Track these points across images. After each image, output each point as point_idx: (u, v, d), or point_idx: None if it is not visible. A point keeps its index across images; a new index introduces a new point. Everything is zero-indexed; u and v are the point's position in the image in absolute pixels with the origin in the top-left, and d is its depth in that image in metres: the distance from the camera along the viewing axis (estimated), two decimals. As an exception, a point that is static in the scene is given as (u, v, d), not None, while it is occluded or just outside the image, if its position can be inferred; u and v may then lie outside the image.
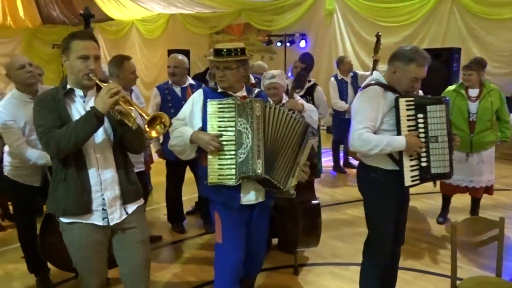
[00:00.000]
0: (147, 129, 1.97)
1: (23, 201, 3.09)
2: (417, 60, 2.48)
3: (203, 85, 2.79)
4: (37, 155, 2.88)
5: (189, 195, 4.81)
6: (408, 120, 2.52)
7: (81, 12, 2.96)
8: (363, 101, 2.58)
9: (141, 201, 2.38)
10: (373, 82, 2.63)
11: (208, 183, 2.40)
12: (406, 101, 2.51)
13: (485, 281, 2.48)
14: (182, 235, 4.32)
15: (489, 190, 4.33)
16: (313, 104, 4.52)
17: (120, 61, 3.43)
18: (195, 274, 3.54)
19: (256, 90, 2.74)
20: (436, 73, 5.86)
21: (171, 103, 3.96)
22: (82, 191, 2.12)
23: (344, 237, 4.22)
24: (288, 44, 10.05)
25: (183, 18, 12.62)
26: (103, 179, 2.17)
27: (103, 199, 2.18)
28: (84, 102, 2.18)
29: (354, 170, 6.65)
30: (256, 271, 2.92)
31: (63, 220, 2.18)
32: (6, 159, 3.06)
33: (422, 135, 2.52)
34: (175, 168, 4.16)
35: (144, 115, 1.98)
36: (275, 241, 3.90)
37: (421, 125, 2.52)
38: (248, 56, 2.55)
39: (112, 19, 14.26)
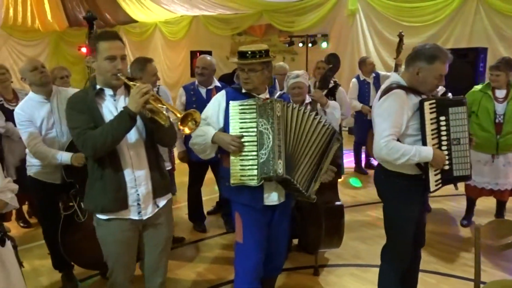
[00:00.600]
0: (180, 127, 2.02)
1: (46, 199, 3.17)
2: (440, 57, 2.43)
3: (228, 88, 2.82)
4: (52, 153, 2.97)
5: (210, 195, 4.85)
6: (432, 123, 2.45)
7: (86, 14, 3.04)
8: (388, 106, 2.46)
9: (170, 195, 2.46)
10: (394, 85, 2.53)
11: (231, 183, 2.42)
12: (431, 103, 2.45)
13: (509, 285, 2.43)
14: (203, 234, 4.36)
15: (515, 192, 4.22)
16: (335, 104, 4.49)
17: (143, 64, 3.50)
18: (216, 273, 3.57)
19: (279, 92, 2.75)
20: (461, 73, 5.77)
21: (196, 104, 3.99)
22: (118, 188, 2.19)
23: (366, 239, 4.18)
24: (310, 44, 10.02)
25: (205, 20, 12.71)
26: (137, 176, 2.24)
27: (138, 194, 2.25)
28: (114, 100, 2.25)
29: (376, 172, 6.64)
30: (277, 271, 2.93)
31: (101, 216, 2.26)
32: (29, 159, 3.16)
33: (444, 137, 2.47)
34: (197, 169, 4.20)
35: (176, 112, 2.03)
36: (295, 241, 3.89)
37: (443, 128, 2.46)
38: (271, 57, 2.56)
39: (136, 21, 14.49)
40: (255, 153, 2.41)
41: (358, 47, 9.53)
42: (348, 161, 6.72)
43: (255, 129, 2.42)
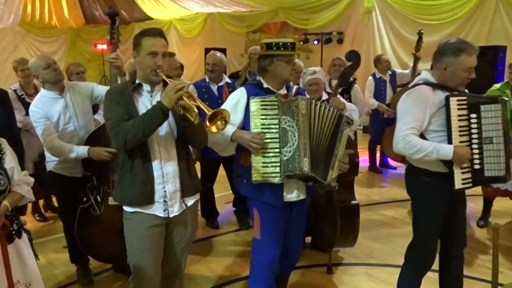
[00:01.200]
0: (208, 124, 2.01)
1: (67, 193, 3.19)
2: (466, 50, 2.39)
3: (246, 83, 2.80)
4: (69, 148, 2.97)
5: (224, 191, 4.85)
6: (459, 120, 2.41)
7: (107, 10, 3.03)
8: (409, 102, 2.47)
9: (198, 196, 2.45)
10: (421, 81, 2.53)
11: (253, 181, 2.40)
12: (458, 100, 2.41)
13: (528, 287, 2.38)
14: (216, 230, 4.38)
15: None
16: (350, 102, 4.46)
17: None
18: (229, 269, 3.58)
19: (295, 87, 2.74)
20: (480, 72, 5.65)
21: (207, 101, 3.99)
22: (147, 182, 2.21)
23: (380, 238, 4.14)
24: (324, 42, 9.96)
25: (220, 17, 12.73)
26: (165, 172, 2.24)
27: (165, 191, 2.25)
28: (151, 96, 2.27)
29: (390, 171, 6.62)
30: (291, 267, 2.93)
31: (127, 209, 2.27)
32: (48, 155, 3.16)
33: (475, 136, 2.41)
34: (209, 166, 4.21)
35: (205, 110, 2.03)
36: (308, 239, 3.88)
37: (474, 126, 2.41)
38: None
39: (151, 19, 14.58)
40: (278, 150, 2.39)
41: (374, 45, 9.44)
42: (362, 159, 6.67)
43: (278, 126, 2.40)
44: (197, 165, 4.26)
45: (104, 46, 14.76)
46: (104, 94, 2.40)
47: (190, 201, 2.38)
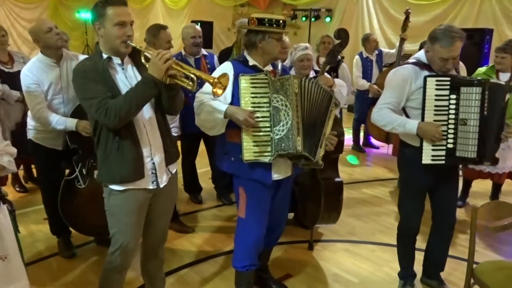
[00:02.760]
0: (213, 90, 2.01)
1: (47, 164, 3.15)
2: (440, 40, 2.45)
3: (232, 59, 2.73)
4: (57, 119, 2.91)
5: (206, 167, 4.82)
6: (437, 100, 2.49)
7: None
8: (393, 79, 2.65)
9: (177, 163, 2.45)
10: (411, 61, 2.65)
11: (244, 160, 2.38)
12: (437, 80, 2.48)
13: (502, 266, 2.45)
14: (199, 205, 4.39)
15: (512, 175, 4.24)
16: (337, 80, 4.45)
17: (157, 30, 3.44)
18: (212, 244, 3.60)
19: (280, 64, 2.71)
20: (466, 54, 5.70)
21: None
22: (137, 158, 2.16)
23: (361, 216, 4.21)
24: (313, 19, 9.86)
25: (208, -11, 12.47)
26: (152, 145, 2.22)
27: (153, 163, 2.24)
28: (123, 69, 2.19)
29: (374, 150, 6.69)
30: (274, 243, 2.96)
31: (116, 188, 2.19)
32: (30, 122, 3.10)
33: (452, 116, 2.49)
34: (189, 141, 4.17)
35: (207, 77, 2.03)
36: (290, 215, 3.91)
37: (452, 106, 2.48)
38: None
39: (137, -12, 14.20)
40: (268, 129, 2.38)
41: (362, 23, 9.37)
42: (347, 138, 6.70)
43: (268, 104, 2.38)
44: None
45: (88, 14, 14.37)
46: None
47: (173, 169, 2.40)
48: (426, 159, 2.54)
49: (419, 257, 3.00)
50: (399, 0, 8.55)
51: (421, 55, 2.65)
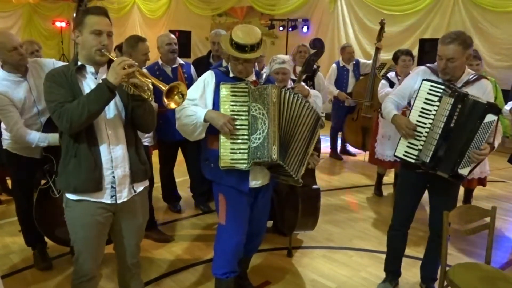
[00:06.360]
0: (166, 101, 1.96)
1: (22, 174, 3.10)
2: (440, 41, 2.63)
3: (213, 67, 2.76)
4: (38, 137, 2.87)
5: (184, 176, 4.82)
6: (425, 103, 2.61)
7: None
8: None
9: (147, 182, 2.39)
10: (428, 65, 2.85)
11: (220, 166, 2.41)
12: (432, 85, 2.61)
13: (474, 267, 2.53)
14: (178, 214, 4.37)
15: (482, 181, 4.38)
16: (313, 89, 4.53)
17: (135, 42, 3.45)
18: (191, 253, 3.59)
19: (265, 75, 2.75)
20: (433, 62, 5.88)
21: None
22: (94, 167, 2.11)
23: (339, 222, 4.27)
24: (290, 29, 9.99)
25: (185, -1, 12.50)
26: (114, 157, 2.16)
27: (113, 176, 2.17)
28: (95, 78, 2.16)
29: (351, 157, 6.78)
30: (254, 251, 2.98)
31: (71, 197, 2.16)
32: (5, 133, 3.04)
33: (429, 121, 2.60)
34: (166, 149, 4.16)
35: (161, 86, 1.97)
36: (269, 223, 3.94)
37: (434, 112, 2.59)
38: (265, 48, 2.51)
39: (114, -3, 14.13)
40: (246, 137, 2.40)
41: (338, 33, 9.55)
42: (324, 146, 6.81)
43: (247, 113, 2.41)
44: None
45: (63, 24, 14.20)
46: None
47: (139, 187, 2.31)
48: (399, 152, 2.70)
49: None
50: (373, 11, 8.76)
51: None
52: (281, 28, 10.20)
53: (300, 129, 2.52)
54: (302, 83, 3.62)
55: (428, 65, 2.83)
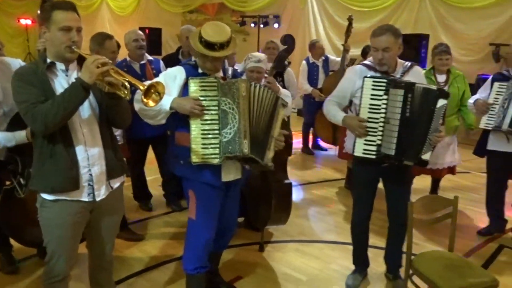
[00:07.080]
0: (144, 99, 1.94)
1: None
2: (371, 35, 2.74)
3: (183, 63, 2.73)
4: (5, 137, 2.77)
5: (155, 174, 4.78)
6: (372, 99, 2.65)
7: None
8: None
9: (123, 178, 2.37)
10: (362, 62, 2.91)
11: (192, 162, 2.39)
12: (374, 81, 2.65)
13: (437, 255, 2.61)
14: (149, 213, 4.33)
15: (452, 170, 4.48)
16: (283, 85, 4.56)
17: (102, 39, 3.38)
18: (163, 251, 3.57)
19: (231, 70, 2.75)
20: (405, 59, 6.02)
21: None
22: (71, 167, 2.07)
23: (310, 216, 4.33)
24: (261, 25, 10.01)
25: (156, -5, 12.35)
26: (90, 155, 2.13)
27: (90, 174, 2.14)
28: (66, 76, 2.11)
29: (322, 152, 6.86)
30: (225, 246, 2.99)
31: (47, 197, 2.11)
32: None
33: (382, 115, 2.63)
34: (136, 147, 4.10)
35: (139, 85, 1.95)
36: (240, 219, 3.95)
37: (383, 106, 2.63)
38: (235, 46, 2.50)
39: (82, -7, 13.82)
40: (217, 131, 2.40)
41: (309, 29, 9.64)
42: (296, 141, 6.86)
43: (217, 107, 2.40)
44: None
45: (29, 21, 13.81)
46: None
47: (116, 183, 2.30)
48: (358, 151, 2.72)
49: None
50: (343, 7, 8.87)
51: (370, 58, 2.85)
52: (252, 25, 10.21)
53: (264, 116, 2.50)
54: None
55: (362, 62, 2.91)
